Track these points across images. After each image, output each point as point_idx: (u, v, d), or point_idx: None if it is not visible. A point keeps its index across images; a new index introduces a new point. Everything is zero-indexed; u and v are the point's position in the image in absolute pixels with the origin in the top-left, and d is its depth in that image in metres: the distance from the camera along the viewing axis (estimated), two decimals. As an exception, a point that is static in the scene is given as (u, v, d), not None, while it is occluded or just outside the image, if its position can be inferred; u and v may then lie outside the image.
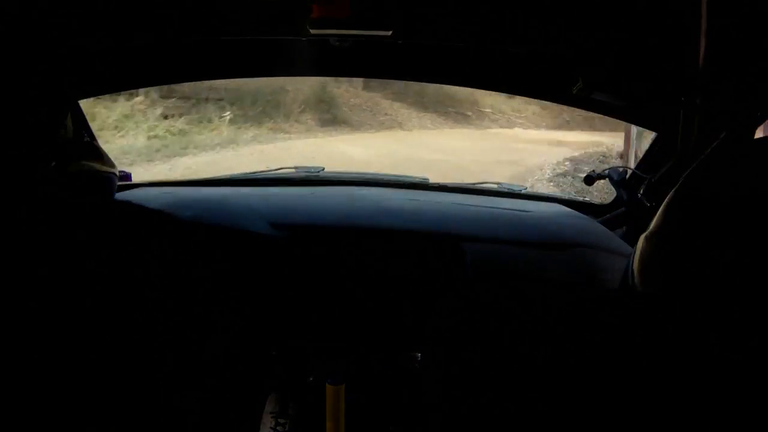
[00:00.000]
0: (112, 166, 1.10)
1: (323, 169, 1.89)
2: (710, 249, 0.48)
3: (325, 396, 1.13)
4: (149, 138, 6.79)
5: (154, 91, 6.81)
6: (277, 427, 1.20)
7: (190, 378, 0.60)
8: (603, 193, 4.35)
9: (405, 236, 1.38)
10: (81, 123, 1.18)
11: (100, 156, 1.09)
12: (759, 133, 1.10)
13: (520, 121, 9.92)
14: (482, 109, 9.86)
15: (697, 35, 1.02)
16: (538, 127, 9.75)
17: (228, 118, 7.52)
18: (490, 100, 9.80)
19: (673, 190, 0.55)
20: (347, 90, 8.98)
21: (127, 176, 1.72)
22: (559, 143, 8.33)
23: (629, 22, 1.10)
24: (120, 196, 1.58)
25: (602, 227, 1.53)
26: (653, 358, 0.48)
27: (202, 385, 0.62)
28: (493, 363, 0.52)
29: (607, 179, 1.59)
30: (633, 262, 0.58)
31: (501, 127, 9.72)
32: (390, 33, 1.13)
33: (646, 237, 0.56)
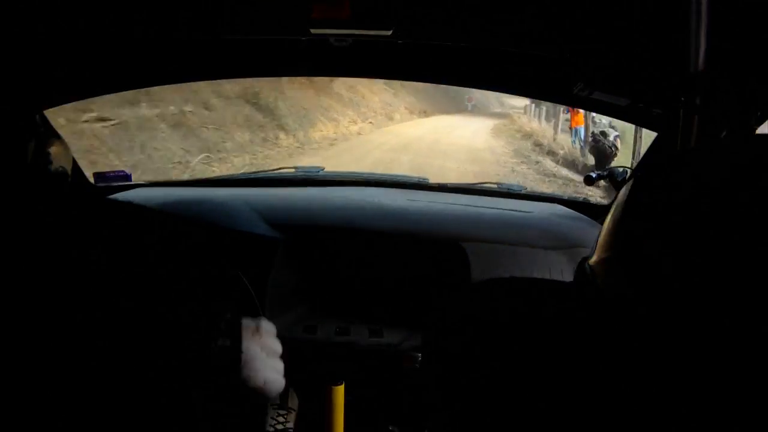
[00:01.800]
0: (79, 171, 1.08)
1: (323, 168, 1.90)
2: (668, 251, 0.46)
3: (325, 396, 1.13)
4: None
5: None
6: (278, 417, 1.20)
7: (191, 377, 0.60)
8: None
9: (404, 236, 1.38)
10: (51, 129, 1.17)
11: (68, 160, 1.07)
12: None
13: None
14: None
15: (697, 35, 1.02)
16: None
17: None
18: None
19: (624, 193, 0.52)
20: None
21: (127, 176, 1.72)
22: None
23: (629, 22, 1.10)
24: (120, 196, 1.59)
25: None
26: (653, 358, 0.48)
27: (203, 384, 0.62)
28: (493, 363, 0.52)
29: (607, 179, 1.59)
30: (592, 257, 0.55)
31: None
32: (390, 33, 1.13)
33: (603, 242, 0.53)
